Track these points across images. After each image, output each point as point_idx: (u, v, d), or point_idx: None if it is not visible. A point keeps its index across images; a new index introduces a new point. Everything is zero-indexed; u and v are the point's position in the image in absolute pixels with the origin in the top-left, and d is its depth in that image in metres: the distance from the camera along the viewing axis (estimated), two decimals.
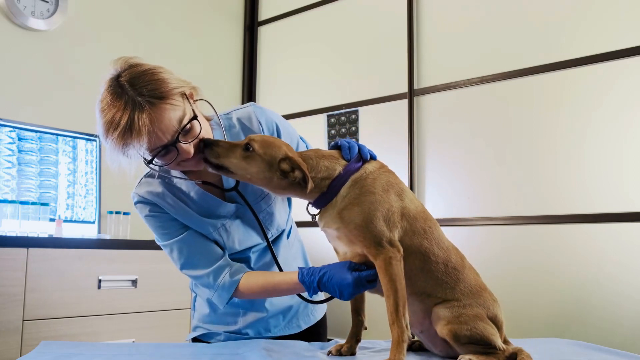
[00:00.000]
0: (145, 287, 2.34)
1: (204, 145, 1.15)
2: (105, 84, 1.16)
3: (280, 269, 1.35)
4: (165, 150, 1.15)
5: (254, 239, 1.38)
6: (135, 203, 1.33)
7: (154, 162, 1.19)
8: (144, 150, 1.12)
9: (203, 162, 1.20)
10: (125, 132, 1.10)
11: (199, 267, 1.31)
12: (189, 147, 1.17)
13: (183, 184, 1.33)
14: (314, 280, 1.16)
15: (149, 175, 1.34)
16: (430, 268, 1.14)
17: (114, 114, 1.11)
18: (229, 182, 1.34)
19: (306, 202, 1.20)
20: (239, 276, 1.29)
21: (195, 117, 1.17)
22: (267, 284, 1.27)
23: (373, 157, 1.20)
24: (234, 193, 1.34)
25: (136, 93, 1.11)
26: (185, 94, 1.18)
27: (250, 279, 1.28)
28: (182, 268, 1.33)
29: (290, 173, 1.12)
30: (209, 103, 1.27)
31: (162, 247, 1.36)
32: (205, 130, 1.21)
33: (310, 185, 1.11)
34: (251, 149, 1.13)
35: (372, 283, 1.13)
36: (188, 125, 1.16)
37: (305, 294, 1.28)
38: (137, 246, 2.36)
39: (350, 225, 1.10)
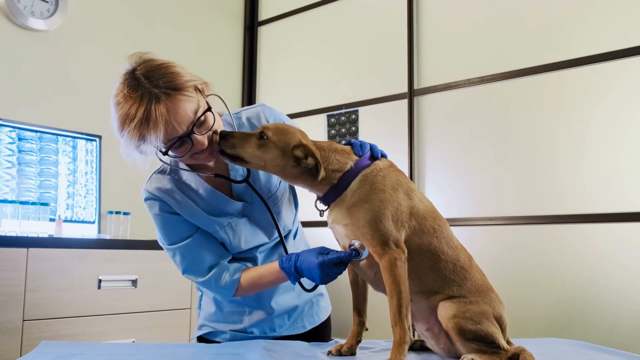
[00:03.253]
0: (145, 287, 2.34)
1: (220, 137, 1.17)
2: (121, 78, 1.18)
3: None
4: (180, 141, 1.17)
5: (261, 237, 1.39)
6: (145, 200, 1.34)
7: (168, 154, 1.20)
8: (159, 143, 1.14)
9: (215, 155, 1.22)
10: (142, 124, 1.12)
11: (200, 273, 1.33)
12: (203, 139, 1.19)
13: (192, 182, 1.34)
14: (291, 266, 1.20)
15: (159, 172, 1.35)
16: (439, 266, 1.14)
17: (130, 105, 1.13)
18: (237, 177, 1.36)
19: (314, 198, 1.21)
20: (238, 275, 1.32)
21: (209, 109, 1.20)
22: (254, 276, 1.30)
23: (384, 156, 1.22)
24: (241, 191, 1.36)
25: (152, 85, 1.14)
26: (197, 88, 1.21)
27: (245, 276, 1.32)
28: (184, 272, 1.36)
29: (303, 160, 1.13)
30: (220, 98, 1.30)
31: (165, 250, 1.37)
32: (218, 123, 1.24)
33: (321, 174, 1.12)
34: (265, 137, 1.15)
35: (339, 267, 1.14)
36: (202, 117, 1.18)
37: (306, 284, 1.29)
38: (137, 246, 2.35)
39: (359, 222, 1.11)
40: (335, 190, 1.15)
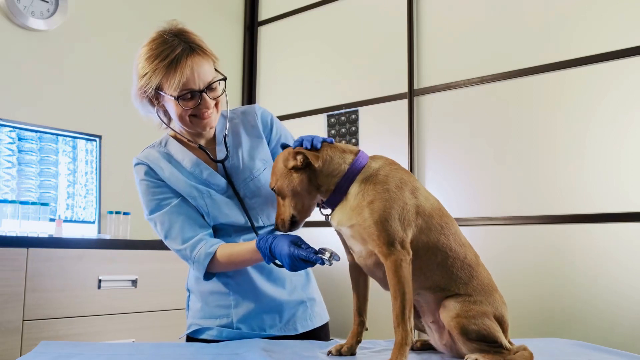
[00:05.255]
0: (145, 287, 2.34)
1: (274, 229, 1.24)
2: (155, 34, 1.35)
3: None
4: (191, 95, 1.32)
5: (241, 219, 1.44)
6: (135, 165, 1.44)
7: (178, 101, 1.31)
8: (176, 89, 1.29)
9: (208, 128, 1.39)
10: (171, 64, 1.28)
11: (179, 241, 1.39)
12: (210, 102, 1.35)
13: (179, 154, 1.45)
14: (267, 247, 1.24)
15: (150, 147, 1.48)
16: (446, 263, 1.14)
17: (165, 48, 1.30)
18: (220, 155, 1.46)
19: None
20: (214, 248, 1.37)
21: (225, 78, 1.38)
22: (232, 252, 1.35)
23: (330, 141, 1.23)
24: (227, 173, 1.44)
25: (187, 41, 1.32)
26: (214, 62, 1.38)
27: (221, 251, 1.36)
28: (165, 238, 1.42)
29: (297, 164, 1.16)
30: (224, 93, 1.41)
31: (149, 221, 1.43)
32: (223, 97, 1.40)
33: (317, 161, 1.13)
34: (274, 188, 1.20)
35: (307, 263, 1.17)
36: (214, 85, 1.34)
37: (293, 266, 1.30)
38: (137, 246, 2.36)
39: (365, 222, 1.10)
40: (335, 196, 1.16)
